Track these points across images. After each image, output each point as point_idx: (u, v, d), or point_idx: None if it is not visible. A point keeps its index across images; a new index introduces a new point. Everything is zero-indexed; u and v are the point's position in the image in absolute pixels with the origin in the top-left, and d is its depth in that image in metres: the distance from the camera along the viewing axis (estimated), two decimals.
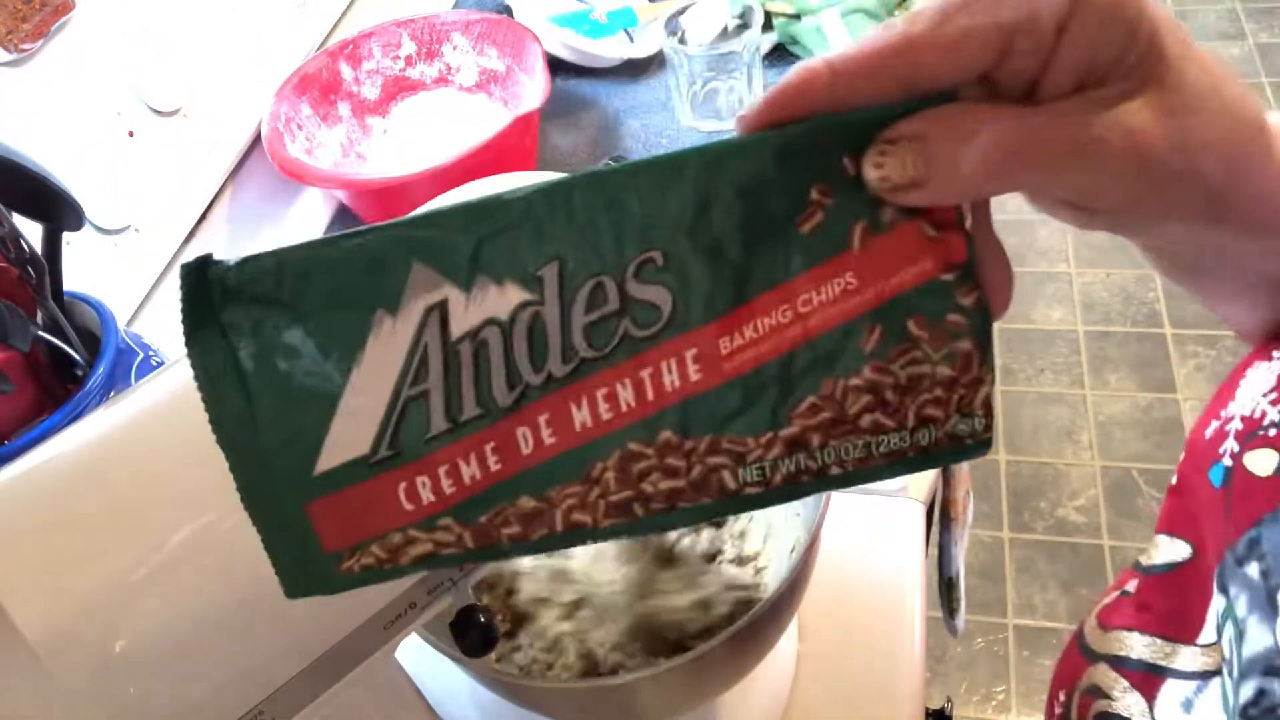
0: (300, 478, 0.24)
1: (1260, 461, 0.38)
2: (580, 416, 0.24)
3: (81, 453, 0.30)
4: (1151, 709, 0.44)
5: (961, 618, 0.89)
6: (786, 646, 0.59)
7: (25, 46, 0.70)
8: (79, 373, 0.58)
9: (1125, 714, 0.45)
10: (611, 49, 1.02)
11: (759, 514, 0.56)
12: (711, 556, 0.54)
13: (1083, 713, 0.49)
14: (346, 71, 0.97)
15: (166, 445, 0.31)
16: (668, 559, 0.54)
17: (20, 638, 0.27)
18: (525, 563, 0.53)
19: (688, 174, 0.23)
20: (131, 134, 0.78)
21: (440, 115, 0.99)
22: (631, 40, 1.08)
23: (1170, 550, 0.46)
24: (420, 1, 1.20)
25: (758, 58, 0.95)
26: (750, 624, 0.41)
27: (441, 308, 0.23)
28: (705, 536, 0.55)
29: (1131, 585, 0.49)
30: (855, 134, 0.24)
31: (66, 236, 0.60)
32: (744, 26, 0.94)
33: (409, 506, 0.24)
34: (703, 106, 0.96)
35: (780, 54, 1.03)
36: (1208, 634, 0.42)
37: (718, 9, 0.95)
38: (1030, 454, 1.78)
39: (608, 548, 0.53)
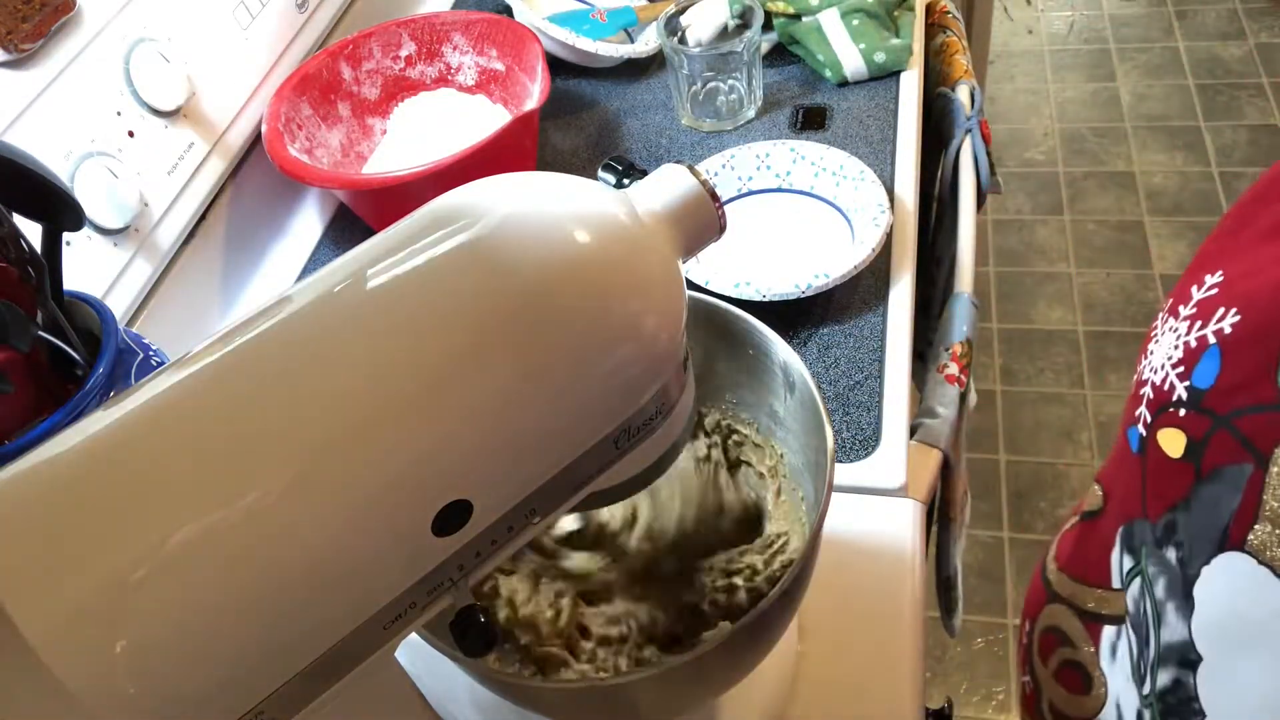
0: None
1: (1171, 443, 0.40)
2: None
3: (81, 453, 0.30)
4: (1097, 655, 0.46)
5: (959, 617, 0.89)
6: (786, 646, 0.59)
7: (25, 46, 0.70)
8: (79, 373, 0.58)
9: (1084, 662, 0.47)
10: (611, 49, 1.02)
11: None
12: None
13: (1044, 651, 0.50)
14: (346, 71, 0.97)
15: (166, 445, 0.31)
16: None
17: (20, 638, 0.27)
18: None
19: None
20: (131, 134, 0.78)
21: (440, 115, 0.99)
22: (631, 40, 1.08)
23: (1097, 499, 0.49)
24: (420, 1, 1.20)
25: (758, 58, 0.95)
26: (750, 624, 0.41)
27: None
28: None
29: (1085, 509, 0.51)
30: None
31: (66, 236, 0.60)
32: (744, 26, 0.94)
33: None
34: (702, 106, 0.96)
35: (780, 54, 1.03)
36: (1115, 580, 0.45)
37: (718, 9, 0.95)
38: (1030, 454, 1.78)
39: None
